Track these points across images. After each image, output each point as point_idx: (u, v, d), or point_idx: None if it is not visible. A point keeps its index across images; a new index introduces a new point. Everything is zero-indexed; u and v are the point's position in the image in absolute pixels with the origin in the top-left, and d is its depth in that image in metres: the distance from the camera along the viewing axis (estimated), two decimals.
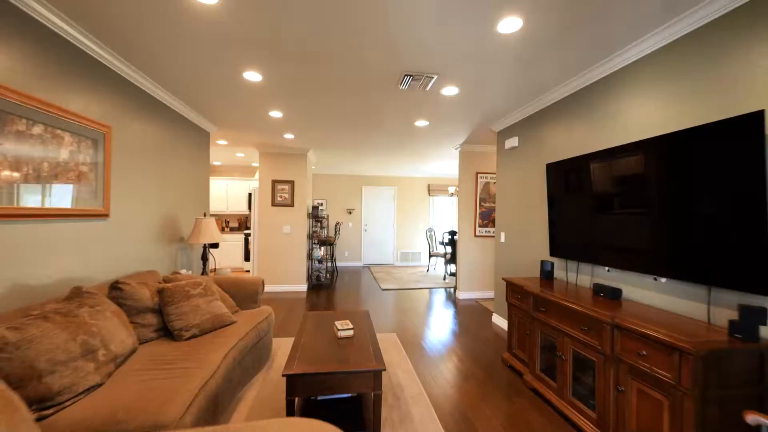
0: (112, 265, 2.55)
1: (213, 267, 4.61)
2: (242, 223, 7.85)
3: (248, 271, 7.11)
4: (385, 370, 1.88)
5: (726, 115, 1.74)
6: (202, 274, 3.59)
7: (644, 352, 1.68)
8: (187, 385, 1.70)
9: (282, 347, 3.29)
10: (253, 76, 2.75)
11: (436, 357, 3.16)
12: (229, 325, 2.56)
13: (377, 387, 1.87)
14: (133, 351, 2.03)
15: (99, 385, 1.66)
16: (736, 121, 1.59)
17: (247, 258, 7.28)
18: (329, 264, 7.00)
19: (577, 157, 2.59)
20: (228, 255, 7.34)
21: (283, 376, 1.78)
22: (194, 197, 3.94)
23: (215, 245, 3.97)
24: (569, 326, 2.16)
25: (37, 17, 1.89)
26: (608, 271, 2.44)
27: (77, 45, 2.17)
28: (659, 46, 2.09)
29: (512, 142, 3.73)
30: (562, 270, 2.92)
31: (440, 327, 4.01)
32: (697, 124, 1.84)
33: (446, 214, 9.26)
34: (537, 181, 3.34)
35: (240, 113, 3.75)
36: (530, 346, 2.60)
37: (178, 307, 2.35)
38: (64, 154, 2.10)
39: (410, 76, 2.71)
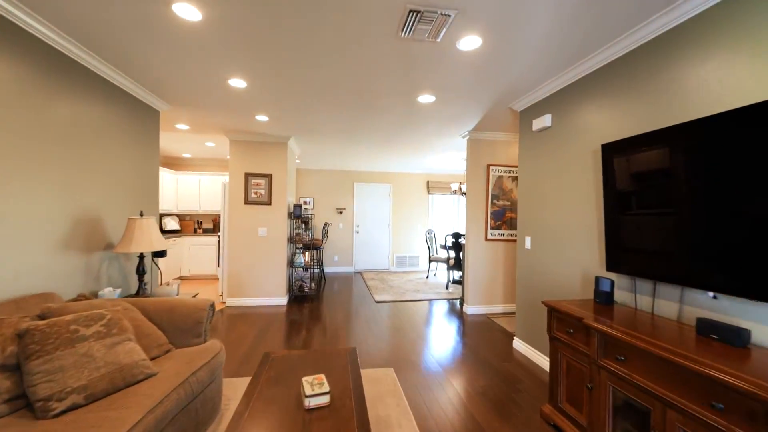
0: None
1: (161, 281, 3.77)
2: (217, 224, 6.94)
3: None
4: None
5: None
6: (137, 293, 2.71)
7: None
8: None
9: (240, 393, 2.42)
10: (186, 11, 1.89)
11: (448, 408, 2.32)
12: (144, 380, 1.69)
13: None
14: None
15: None
16: None
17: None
18: (315, 270, 6.14)
19: (660, 130, 1.77)
20: (200, 261, 6.44)
21: None
22: (135, 192, 3.05)
23: (161, 254, 3.08)
24: (682, 395, 1.34)
25: None
26: (714, 297, 1.63)
27: None
28: None
29: (543, 121, 2.91)
30: (627, 291, 2.11)
31: (448, 356, 3.18)
32: None
33: (447, 214, 8.45)
34: (580, 170, 2.53)
35: (189, 80, 2.88)
36: (593, 405, 1.78)
37: (51, 360, 1.47)
38: None
39: (416, 12, 1.88)
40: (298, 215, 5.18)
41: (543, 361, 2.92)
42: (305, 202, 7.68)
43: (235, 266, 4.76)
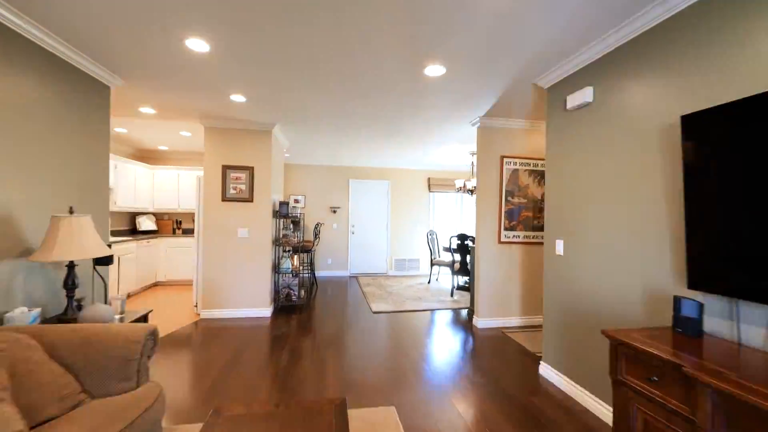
0: None
1: (106, 297, 3.15)
2: None
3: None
4: None
5: None
6: (64, 313, 2.09)
7: None
8: None
9: None
10: None
11: None
12: None
13: None
14: None
15: None
16: None
17: None
18: (306, 275, 5.54)
19: None
20: (178, 264, 5.81)
21: None
22: (74, 185, 2.44)
23: (105, 261, 2.47)
24: None
25: None
26: None
27: None
28: None
29: (582, 96, 2.33)
30: (721, 318, 1.53)
31: (461, 386, 2.59)
32: None
33: (450, 214, 7.87)
34: (639, 153, 1.95)
35: (134, 38, 2.26)
36: None
37: None
38: None
39: None
40: (285, 214, 4.57)
41: (588, 400, 2.31)
42: (296, 200, 7.07)
43: (211, 272, 4.15)
